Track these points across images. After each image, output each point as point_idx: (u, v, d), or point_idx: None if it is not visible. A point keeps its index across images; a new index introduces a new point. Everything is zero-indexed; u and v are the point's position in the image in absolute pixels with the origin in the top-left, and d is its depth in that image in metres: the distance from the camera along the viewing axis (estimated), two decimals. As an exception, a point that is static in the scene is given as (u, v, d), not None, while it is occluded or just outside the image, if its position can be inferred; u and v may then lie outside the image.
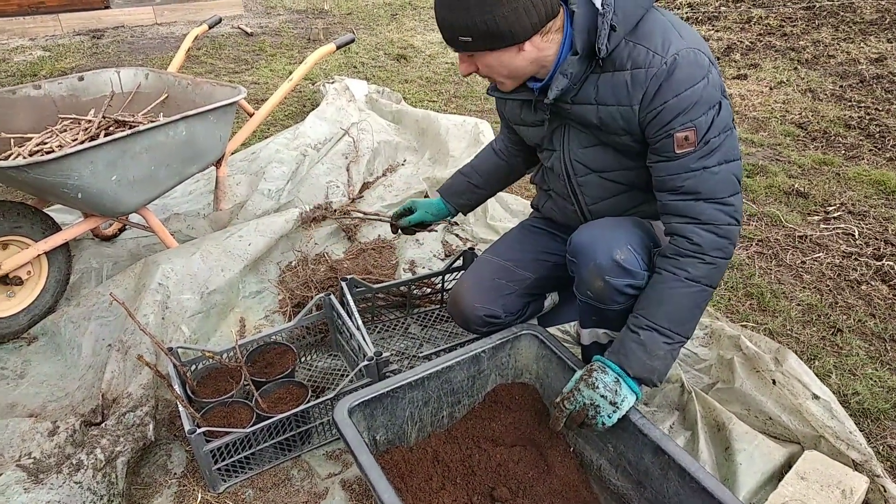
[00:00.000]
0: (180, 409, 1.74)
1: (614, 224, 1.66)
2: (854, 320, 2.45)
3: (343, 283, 2.19)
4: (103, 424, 1.83)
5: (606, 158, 1.68)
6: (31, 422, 1.89)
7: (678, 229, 1.54)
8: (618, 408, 1.52)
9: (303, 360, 2.24)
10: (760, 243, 2.97)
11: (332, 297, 2.16)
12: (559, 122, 1.70)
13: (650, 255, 1.62)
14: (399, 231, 2.23)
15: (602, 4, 1.45)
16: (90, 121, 2.53)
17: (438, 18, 1.48)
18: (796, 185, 3.46)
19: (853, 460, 1.72)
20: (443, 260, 2.80)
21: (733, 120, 1.55)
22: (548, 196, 1.96)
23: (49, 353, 2.29)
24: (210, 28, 3.28)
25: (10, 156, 2.34)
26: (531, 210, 2.15)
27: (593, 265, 1.60)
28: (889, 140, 4.03)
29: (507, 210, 3.14)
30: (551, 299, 2.08)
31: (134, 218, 2.66)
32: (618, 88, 1.52)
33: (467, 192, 2.15)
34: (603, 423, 1.53)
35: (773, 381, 1.93)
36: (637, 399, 1.55)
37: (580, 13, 1.46)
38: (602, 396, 1.52)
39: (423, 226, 2.21)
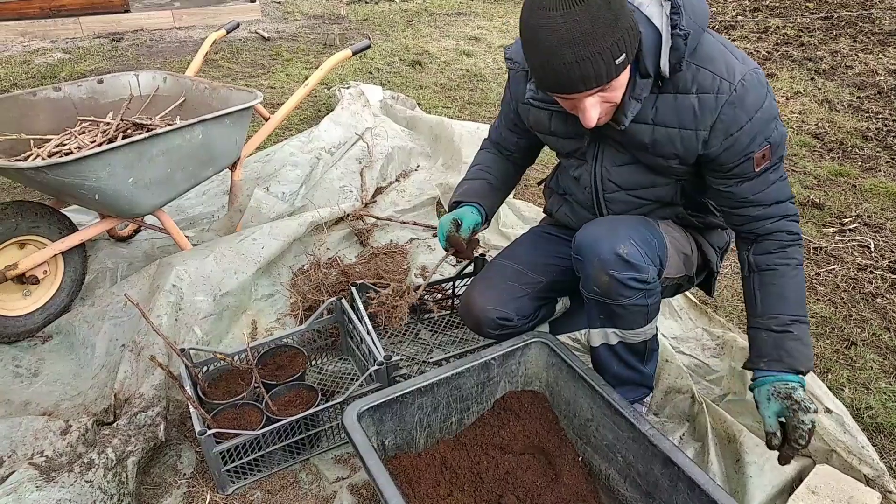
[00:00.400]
0: (191, 410, 1.75)
1: (617, 221, 1.69)
2: (868, 333, 2.43)
3: (353, 289, 2.19)
4: (115, 424, 1.85)
5: (638, 177, 1.70)
6: (44, 420, 1.91)
7: (773, 228, 1.62)
8: (814, 417, 1.50)
9: (313, 363, 2.25)
10: (774, 254, 2.94)
11: (344, 301, 2.17)
12: (597, 137, 1.69)
13: (653, 250, 1.64)
14: (458, 253, 1.91)
15: (669, 24, 1.44)
16: (108, 123, 2.56)
17: (582, 61, 1.32)
18: (812, 197, 3.44)
19: (865, 475, 1.71)
20: (454, 266, 2.81)
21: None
22: (565, 201, 1.95)
23: (63, 352, 2.31)
24: (228, 33, 3.31)
25: (29, 157, 2.38)
26: (543, 216, 2.15)
27: (597, 260, 1.62)
28: (907, 152, 3.99)
29: (520, 217, 3.14)
30: (562, 304, 2.08)
31: (149, 219, 2.69)
32: (683, 112, 1.52)
33: (489, 193, 1.98)
34: (803, 434, 1.49)
35: (785, 394, 1.91)
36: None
37: (647, 34, 1.45)
38: (815, 411, 1.50)
39: (475, 238, 1.94)
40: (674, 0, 1.44)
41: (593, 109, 1.44)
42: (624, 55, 1.36)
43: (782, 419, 1.52)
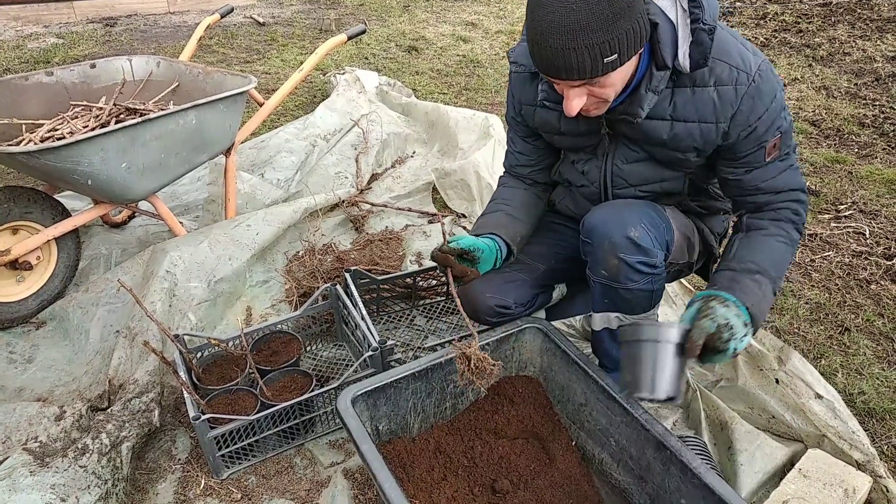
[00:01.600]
0: (185, 395, 1.75)
1: (626, 204, 1.68)
2: (862, 319, 2.44)
3: (347, 275, 2.19)
4: (109, 410, 1.85)
5: (648, 173, 1.70)
6: (38, 406, 1.91)
7: (782, 206, 1.60)
8: (740, 341, 1.39)
9: (308, 349, 2.25)
10: (769, 241, 2.94)
11: (338, 287, 2.17)
12: (611, 133, 1.68)
13: (661, 234, 1.64)
14: (447, 269, 1.70)
15: (688, 17, 1.42)
16: (101, 108, 2.54)
17: (567, 51, 1.32)
18: (808, 183, 3.44)
19: (856, 460, 1.72)
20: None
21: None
22: (568, 192, 1.94)
23: (57, 338, 2.31)
24: (222, 17, 3.29)
25: (21, 142, 2.36)
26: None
27: (608, 243, 1.61)
28: (903, 139, 3.99)
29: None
30: (559, 291, 2.08)
31: (143, 205, 2.67)
32: (702, 105, 1.52)
33: (508, 223, 1.82)
34: (735, 349, 1.39)
35: (777, 380, 1.92)
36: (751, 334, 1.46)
37: (664, 26, 1.43)
38: (737, 316, 1.40)
39: (472, 258, 1.72)
40: None
41: (576, 100, 1.43)
42: (616, 55, 1.33)
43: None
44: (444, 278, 2.42)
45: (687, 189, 1.75)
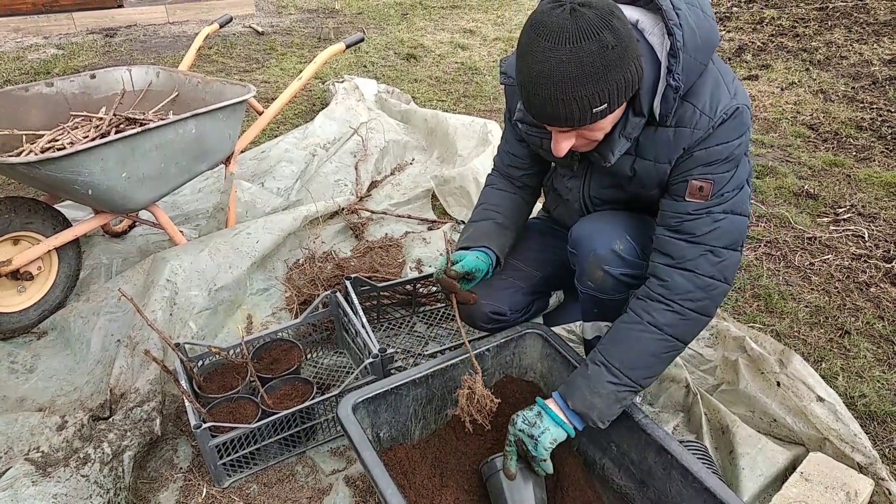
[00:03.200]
0: (187, 404, 1.75)
1: (613, 216, 1.67)
2: (862, 322, 2.44)
3: (347, 282, 2.19)
4: (111, 419, 1.86)
5: (621, 197, 1.68)
6: (39, 416, 1.91)
7: (655, 269, 1.53)
8: (537, 441, 1.50)
9: (309, 357, 2.25)
10: (769, 244, 2.95)
11: (339, 294, 2.17)
12: (585, 161, 1.67)
13: (647, 246, 1.62)
14: (451, 294, 1.72)
15: (668, 64, 1.36)
16: (101, 118, 2.56)
17: (555, 101, 1.29)
18: (806, 187, 3.44)
19: (858, 463, 1.71)
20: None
21: (751, 176, 1.52)
22: (561, 201, 1.92)
23: (58, 347, 2.31)
24: (221, 27, 3.30)
25: (22, 152, 2.37)
26: (539, 209, 2.15)
27: (593, 256, 1.62)
28: (901, 142, 4.00)
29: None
30: (556, 297, 2.09)
31: (144, 214, 2.68)
32: (660, 145, 1.47)
33: (498, 234, 1.80)
34: (532, 456, 1.52)
35: (778, 384, 1.92)
36: (568, 434, 1.52)
37: (648, 71, 1.37)
38: (520, 430, 1.52)
39: (472, 278, 1.73)
40: (674, 39, 1.34)
41: (564, 142, 1.41)
42: (606, 105, 1.30)
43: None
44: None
45: None
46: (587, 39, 1.23)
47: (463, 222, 3.12)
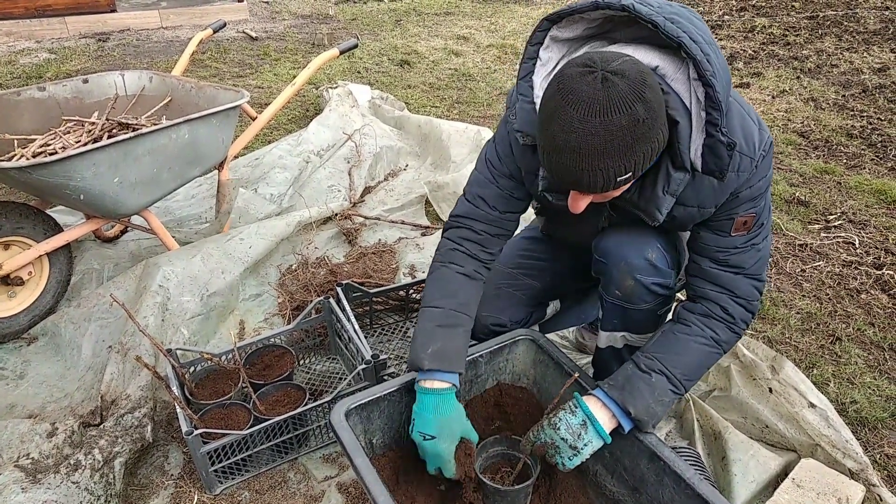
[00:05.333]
0: (178, 410, 1.74)
1: (641, 228, 1.62)
2: (853, 329, 2.45)
3: (339, 289, 2.19)
4: (102, 425, 1.84)
5: (645, 227, 1.62)
6: (29, 423, 1.90)
7: (712, 297, 1.54)
8: (578, 452, 1.48)
9: (301, 363, 2.24)
10: (760, 251, 2.96)
11: (332, 300, 2.17)
12: (615, 212, 1.64)
13: (673, 257, 1.63)
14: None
15: (704, 117, 1.30)
16: (94, 123, 2.55)
17: (580, 171, 1.23)
18: (797, 194, 3.47)
19: (849, 469, 1.72)
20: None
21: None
22: (564, 227, 1.88)
23: (49, 353, 2.29)
24: (215, 32, 3.30)
25: (13, 157, 2.36)
26: (532, 220, 2.14)
27: (624, 264, 1.61)
28: (891, 149, 4.03)
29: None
30: (553, 307, 2.09)
31: (136, 220, 2.67)
32: (703, 192, 1.42)
33: (464, 347, 1.65)
34: (563, 465, 1.50)
35: (770, 390, 1.93)
36: (605, 443, 1.50)
37: (684, 126, 1.30)
38: (563, 439, 1.49)
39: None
40: (714, 92, 1.25)
41: (582, 201, 1.36)
42: (630, 174, 1.25)
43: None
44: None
45: None
46: (618, 113, 1.17)
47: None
